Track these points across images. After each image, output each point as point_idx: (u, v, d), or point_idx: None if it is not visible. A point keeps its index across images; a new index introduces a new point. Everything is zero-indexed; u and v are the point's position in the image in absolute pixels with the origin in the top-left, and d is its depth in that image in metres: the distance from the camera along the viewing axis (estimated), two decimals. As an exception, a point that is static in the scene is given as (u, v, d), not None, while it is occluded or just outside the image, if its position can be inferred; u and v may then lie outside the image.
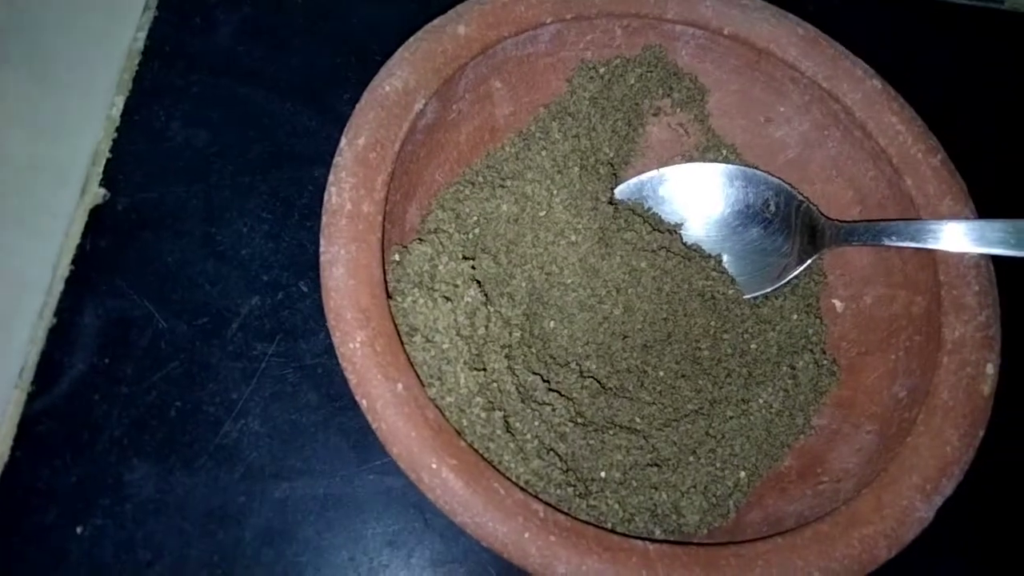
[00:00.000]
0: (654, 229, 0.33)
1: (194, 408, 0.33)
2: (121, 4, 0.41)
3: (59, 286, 0.35)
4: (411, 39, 0.30)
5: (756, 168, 0.34)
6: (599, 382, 0.30)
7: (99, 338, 0.34)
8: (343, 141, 0.28)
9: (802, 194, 0.33)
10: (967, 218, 0.29)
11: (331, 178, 0.27)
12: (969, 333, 0.27)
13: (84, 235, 0.36)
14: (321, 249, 0.26)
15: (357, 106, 0.28)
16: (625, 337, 0.31)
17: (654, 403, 0.30)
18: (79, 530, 0.31)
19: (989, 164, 0.31)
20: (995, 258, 0.28)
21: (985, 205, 0.29)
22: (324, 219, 0.26)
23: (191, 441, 0.32)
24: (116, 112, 0.38)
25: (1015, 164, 0.43)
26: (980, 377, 0.26)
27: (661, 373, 0.31)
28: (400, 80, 0.29)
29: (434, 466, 0.23)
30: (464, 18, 0.30)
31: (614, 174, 0.34)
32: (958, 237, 0.27)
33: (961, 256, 0.28)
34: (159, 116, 0.38)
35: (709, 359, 0.31)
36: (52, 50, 0.40)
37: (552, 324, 0.31)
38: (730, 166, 0.34)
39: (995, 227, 0.27)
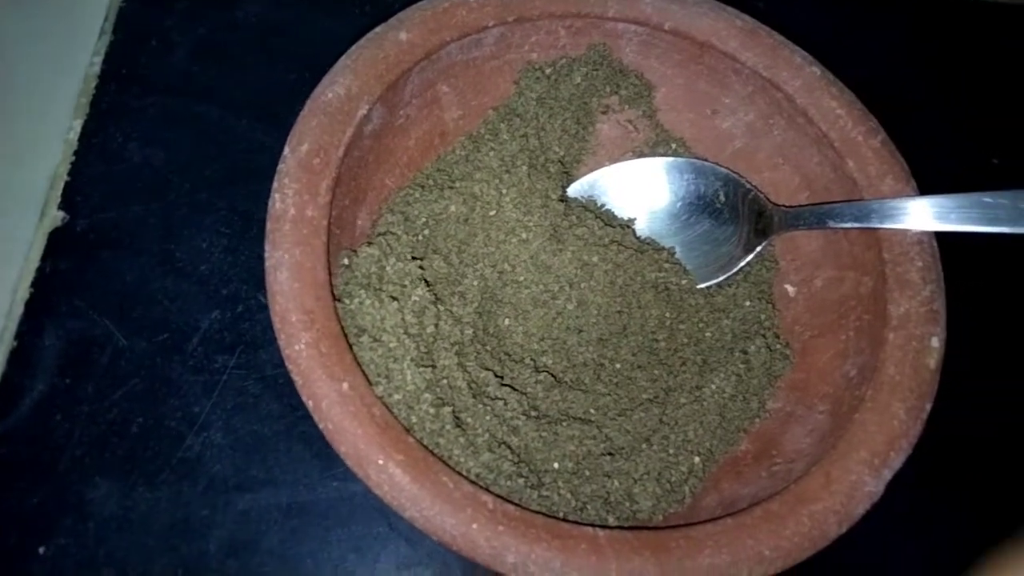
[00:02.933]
0: (606, 224, 0.33)
1: (156, 423, 0.33)
2: (77, 30, 0.41)
3: (19, 309, 0.35)
4: (353, 47, 0.30)
5: (705, 160, 0.34)
6: (554, 376, 0.30)
7: (60, 359, 0.34)
8: (286, 149, 0.28)
9: (750, 183, 0.33)
10: (908, 196, 0.29)
11: (275, 184, 0.27)
12: (914, 308, 0.27)
13: (43, 258, 0.36)
14: (266, 254, 0.26)
15: (300, 114, 0.28)
16: (580, 331, 0.31)
17: (609, 394, 0.30)
18: (41, 551, 0.30)
19: (930, 143, 0.32)
20: (939, 233, 0.28)
21: (926, 183, 0.30)
22: (268, 225, 0.26)
23: (153, 456, 0.32)
24: (74, 136, 0.39)
25: (955, 141, 0.43)
26: (925, 351, 0.26)
27: (618, 365, 0.31)
28: (342, 87, 0.29)
29: (381, 462, 0.23)
30: (406, 24, 0.31)
31: (566, 172, 0.35)
32: (899, 215, 0.28)
33: (904, 234, 0.28)
34: (116, 138, 0.39)
35: (665, 349, 0.31)
36: (9, 77, 0.40)
37: (507, 321, 0.31)
38: (679, 159, 0.34)
39: (934, 203, 0.27)
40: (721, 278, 0.32)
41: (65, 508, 0.31)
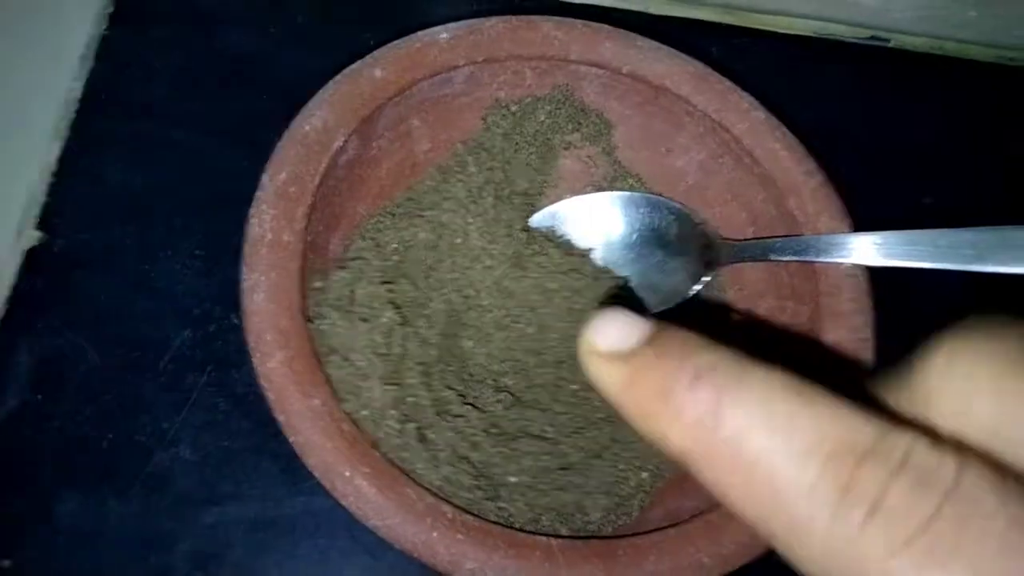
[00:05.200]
0: (566, 253, 0.35)
1: (126, 439, 0.34)
2: (58, 55, 0.43)
3: (-7, 327, 0.36)
4: (330, 82, 0.32)
5: (659, 195, 0.36)
6: (514, 395, 0.31)
7: (32, 375, 0.35)
8: (264, 177, 0.29)
9: (700, 217, 0.35)
10: (842, 233, 0.31)
11: (253, 210, 0.29)
12: (844, 336, 0.29)
13: (19, 277, 0.37)
14: (243, 276, 0.27)
15: (278, 144, 0.30)
16: (540, 354, 0.33)
17: (566, 413, 0.31)
18: (6, 564, 0.31)
19: (865, 183, 0.35)
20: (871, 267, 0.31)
21: (863, 221, 0.32)
22: (245, 248, 0.28)
23: (122, 471, 0.33)
24: (53, 158, 0.40)
25: (890, 183, 0.46)
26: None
27: (574, 386, 0.33)
28: (320, 120, 0.31)
29: (347, 474, 0.24)
30: (380, 62, 0.32)
31: (529, 204, 0.37)
32: (833, 250, 0.30)
33: (837, 267, 0.31)
34: (95, 161, 0.40)
35: (619, 373, 0.33)
36: (-11, 100, 0.41)
37: (470, 344, 0.32)
38: (635, 194, 0.36)
39: (866, 240, 0.30)
40: (672, 306, 0.35)
41: (33, 521, 0.32)
